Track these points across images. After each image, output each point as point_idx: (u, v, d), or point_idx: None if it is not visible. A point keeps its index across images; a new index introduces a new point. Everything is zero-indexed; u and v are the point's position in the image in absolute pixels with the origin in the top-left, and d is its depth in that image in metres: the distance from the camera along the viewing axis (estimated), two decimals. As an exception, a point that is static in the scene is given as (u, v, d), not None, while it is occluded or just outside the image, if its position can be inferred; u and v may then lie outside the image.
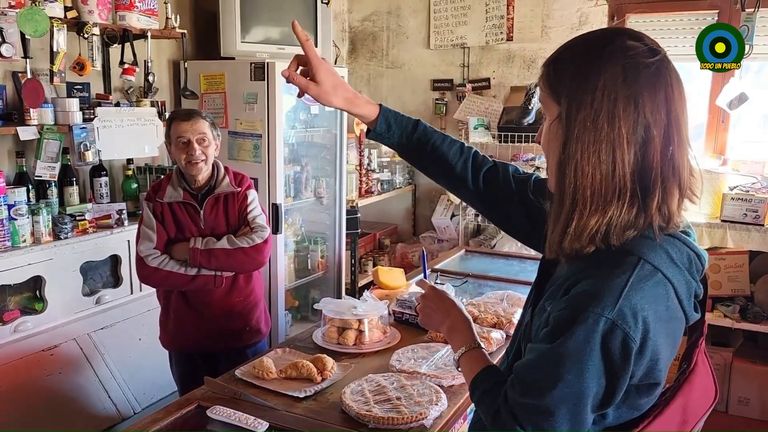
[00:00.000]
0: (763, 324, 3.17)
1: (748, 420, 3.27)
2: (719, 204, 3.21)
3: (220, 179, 2.35)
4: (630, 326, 0.94)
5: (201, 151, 2.26)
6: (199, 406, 1.67)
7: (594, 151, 0.96)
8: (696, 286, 1.04)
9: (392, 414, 1.56)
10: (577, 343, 0.95)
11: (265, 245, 2.31)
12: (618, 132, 0.95)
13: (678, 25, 3.70)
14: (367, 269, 4.24)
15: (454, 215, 4.31)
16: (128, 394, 2.68)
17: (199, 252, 2.22)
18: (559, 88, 1.01)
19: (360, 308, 2.08)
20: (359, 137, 4.06)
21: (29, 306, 2.56)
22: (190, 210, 2.31)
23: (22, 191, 2.47)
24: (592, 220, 0.97)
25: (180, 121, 2.28)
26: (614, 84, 0.95)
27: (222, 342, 2.37)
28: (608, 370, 0.95)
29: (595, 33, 1.05)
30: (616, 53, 0.97)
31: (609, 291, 0.95)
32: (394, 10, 4.55)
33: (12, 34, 2.42)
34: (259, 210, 2.38)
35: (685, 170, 0.99)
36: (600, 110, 0.95)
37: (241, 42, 3.32)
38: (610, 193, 0.96)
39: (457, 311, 1.34)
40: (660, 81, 0.97)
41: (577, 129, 0.97)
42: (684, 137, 1.00)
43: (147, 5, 2.94)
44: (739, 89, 3.39)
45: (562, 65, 1.03)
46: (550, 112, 1.04)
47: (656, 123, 0.96)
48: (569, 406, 0.96)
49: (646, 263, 0.97)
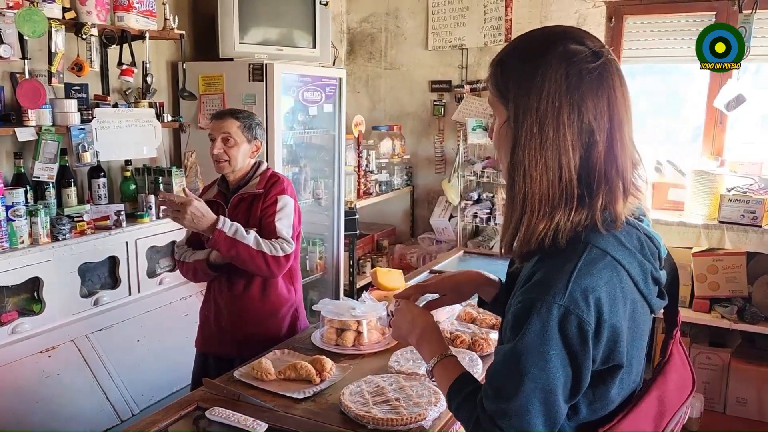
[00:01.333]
0: (761, 325, 3.18)
1: (746, 420, 3.28)
2: (717, 205, 3.22)
3: (252, 180, 2.34)
4: (583, 310, 0.95)
5: (224, 150, 2.27)
6: (198, 407, 1.67)
7: (541, 157, 0.98)
8: (652, 268, 1.05)
9: (391, 415, 1.56)
10: (534, 335, 0.96)
11: (286, 260, 2.20)
12: (563, 138, 0.98)
13: (676, 27, 3.71)
14: (365, 270, 4.24)
15: (452, 216, 4.32)
16: (126, 395, 2.67)
17: (224, 236, 2.10)
18: (506, 92, 1.04)
19: (359, 309, 2.08)
20: (357, 138, 4.07)
21: (27, 307, 2.55)
22: (217, 208, 2.29)
23: (20, 192, 2.46)
24: (541, 225, 0.99)
25: (213, 120, 2.36)
26: (558, 91, 0.98)
27: (236, 348, 2.31)
28: (571, 357, 0.96)
29: (538, 35, 1.06)
30: (559, 59, 0.99)
31: (558, 278, 0.97)
32: (393, 12, 4.55)
33: (10, 34, 2.42)
34: (287, 221, 2.26)
35: (628, 170, 1.02)
36: (545, 117, 0.98)
37: (239, 43, 3.32)
38: (557, 198, 0.99)
39: (424, 321, 1.31)
40: (603, 85, 1.00)
41: (524, 136, 0.99)
42: (626, 138, 1.02)
43: (145, 6, 2.94)
44: (737, 90, 3.40)
45: (507, 69, 1.05)
46: (500, 114, 1.07)
47: (600, 128, 0.99)
48: (540, 400, 0.96)
49: (594, 248, 0.99)
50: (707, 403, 3.31)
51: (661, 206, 3.50)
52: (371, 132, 4.42)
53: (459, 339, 2.03)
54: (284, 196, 2.28)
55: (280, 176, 2.37)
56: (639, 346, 1.05)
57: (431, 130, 4.52)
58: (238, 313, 2.31)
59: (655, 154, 3.68)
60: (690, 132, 3.90)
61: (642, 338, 1.06)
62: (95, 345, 2.67)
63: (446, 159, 4.47)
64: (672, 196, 3.48)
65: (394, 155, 4.38)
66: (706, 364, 3.36)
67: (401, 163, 4.46)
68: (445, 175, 4.41)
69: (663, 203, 3.50)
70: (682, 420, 1.15)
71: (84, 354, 2.62)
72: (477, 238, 4.25)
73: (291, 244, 2.22)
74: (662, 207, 3.49)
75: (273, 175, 2.35)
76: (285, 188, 2.31)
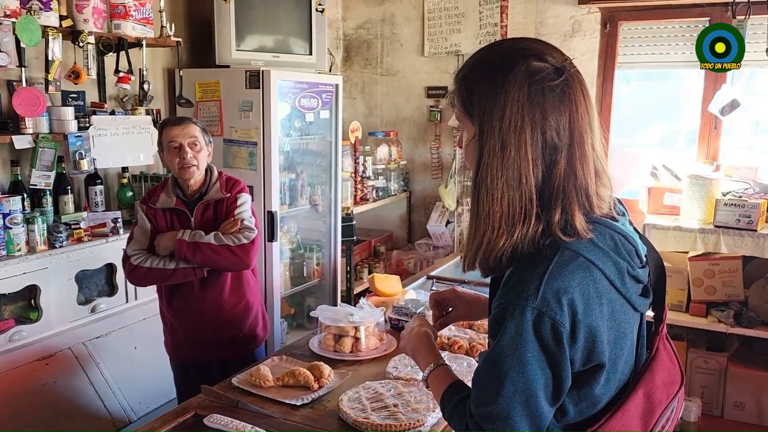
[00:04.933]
0: (758, 329, 3.19)
1: (743, 425, 3.28)
2: (712, 210, 3.23)
3: (212, 185, 2.37)
4: (555, 311, 0.96)
5: (193, 155, 2.28)
6: (196, 414, 1.66)
7: (502, 176, 1.00)
8: (628, 266, 1.05)
9: (389, 421, 1.56)
10: (510, 338, 0.98)
11: (251, 246, 2.29)
12: (524, 156, 0.99)
13: (670, 32, 3.73)
14: (362, 276, 4.24)
15: (449, 222, 4.32)
16: (124, 403, 2.67)
17: (186, 244, 2.22)
18: (472, 111, 1.05)
19: (356, 315, 2.08)
20: (354, 144, 4.07)
21: (24, 315, 2.55)
22: (182, 217, 2.33)
23: (17, 200, 2.46)
24: (501, 241, 1.01)
25: (171, 126, 2.31)
26: (520, 110, 0.99)
27: (214, 351, 2.37)
28: (548, 358, 0.97)
29: (499, 52, 1.07)
30: (521, 77, 1.00)
31: (531, 281, 0.98)
32: (389, 18, 4.57)
33: (7, 43, 2.42)
34: (248, 213, 2.38)
35: (591, 182, 1.04)
36: (507, 136, 0.99)
37: (236, 50, 3.33)
38: (517, 214, 1.00)
39: (417, 334, 1.35)
40: (564, 103, 1.01)
41: (486, 154, 1.01)
42: (588, 150, 1.03)
43: (142, 14, 2.95)
44: (731, 96, 3.41)
45: (470, 85, 1.06)
46: (468, 129, 1.08)
47: (561, 143, 1.01)
48: (521, 403, 0.97)
49: (566, 249, 1.00)
50: (705, 408, 3.31)
51: (657, 211, 3.51)
52: (368, 138, 4.43)
53: (457, 345, 2.03)
54: (243, 194, 2.40)
55: (236, 179, 2.46)
56: (623, 345, 1.06)
57: (428, 136, 4.53)
58: (214, 316, 2.35)
59: (650, 158, 3.69)
60: (685, 137, 3.92)
61: (626, 337, 1.06)
62: (92, 352, 2.67)
63: (443, 164, 4.48)
64: (668, 200, 3.49)
65: (390, 161, 4.39)
66: (703, 369, 3.37)
67: (398, 168, 4.47)
68: (441, 181, 4.42)
69: (659, 208, 3.52)
70: (675, 417, 1.16)
71: (81, 361, 2.61)
72: (474, 243, 4.25)
73: (253, 231, 2.32)
74: (658, 211, 3.51)
75: (229, 178, 2.44)
76: (243, 188, 2.43)
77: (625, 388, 1.09)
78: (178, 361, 2.46)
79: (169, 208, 2.33)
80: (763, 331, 3.18)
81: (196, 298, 2.33)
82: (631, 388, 1.08)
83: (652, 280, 1.15)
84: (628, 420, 1.05)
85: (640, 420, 1.07)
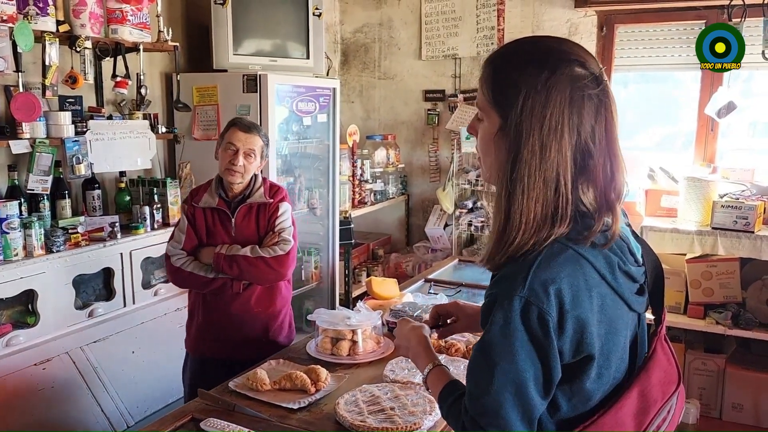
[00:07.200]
0: (756, 330, 3.19)
1: (741, 426, 3.28)
2: (710, 212, 3.23)
3: (255, 189, 2.41)
4: (543, 301, 0.97)
5: (244, 163, 2.33)
6: (193, 418, 1.66)
7: (540, 176, 1.00)
8: (619, 261, 1.06)
9: (386, 424, 1.56)
10: (499, 328, 0.99)
11: (287, 258, 2.33)
12: (563, 158, 1.00)
13: (666, 35, 3.74)
14: (360, 279, 4.24)
15: (447, 225, 4.33)
16: (121, 407, 2.66)
17: (223, 257, 2.28)
18: (504, 103, 1.04)
19: (354, 319, 2.09)
20: (352, 148, 4.08)
21: (21, 320, 2.54)
22: (223, 217, 2.37)
23: (14, 205, 2.46)
24: (531, 241, 1.01)
25: (238, 130, 2.36)
26: (561, 114, 1.00)
27: (235, 350, 2.36)
28: (537, 348, 0.98)
29: (542, 48, 1.07)
30: (565, 80, 1.01)
31: (520, 272, 0.99)
32: (386, 22, 4.58)
33: (4, 48, 2.42)
34: (288, 223, 2.41)
35: (623, 185, 1.06)
36: (548, 138, 1.00)
37: (233, 54, 3.33)
38: (550, 216, 1.01)
39: (415, 336, 1.38)
40: (601, 112, 1.03)
41: (525, 152, 1.01)
42: (619, 156, 1.06)
43: (139, 18, 2.95)
44: (728, 98, 3.42)
45: (504, 77, 1.05)
46: (491, 120, 1.07)
47: (598, 149, 1.03)
48: (512, 393, 0.98)
49: (556, 242, 1.01)
50: (703, 409, 3.31)
51: (654, 213, 3.52)
52: (365, 141, 4.44)
53: (454, 347, 2.03)
54: (285, 203, 2.44)
55: (279, 185, 2.51)
56: (615, 341, 1.06)
57: (425, 139, 4.54)
58: (242, 316, 2.36)
59: (647, 161, 3.70)
60: (682, 139, 3.93)
61: (618, 333, 1.06)
62: (90, 357, 2.66)
63: (440, 168, 4.48)
64: (665, 202, 3.50)
65: (388, 164, 4.39)
66: (701, 370, 3.37)
67: (396, 172, 4.47)
68: (439, 184, 4.43)
69: (656, 210, 3.52)
70: (675, 418, 1.15)
71: (79, 366, 2.61)
72: (472, 246, 4.26)
73: (289, 242, 2.35)
74: (655, 214, 3.51)
75: (273, 185, 2.48)
76: (285, 196, 2.47)
77: (620, 387, 1.09)
78: (197, 357, 2.46)
79: (211, 208, 2.37)
80: (761, 333, 3.18)
81: (229, 296, 2.36)
82: (626, 387, 1.08)
83: (650, 282, 1.15)
84: (621, 417, 1.05)
85: (634, 418, 1.07)
